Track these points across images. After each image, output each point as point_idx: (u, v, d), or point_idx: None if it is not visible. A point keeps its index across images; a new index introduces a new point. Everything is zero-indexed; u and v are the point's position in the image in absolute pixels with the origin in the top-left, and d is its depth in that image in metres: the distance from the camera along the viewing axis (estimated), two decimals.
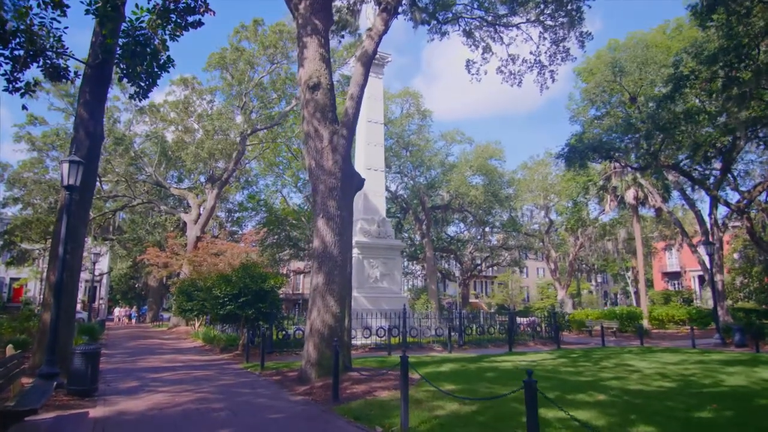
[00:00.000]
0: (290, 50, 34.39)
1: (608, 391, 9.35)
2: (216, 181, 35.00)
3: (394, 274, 24.72)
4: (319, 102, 11.24)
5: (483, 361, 14.08)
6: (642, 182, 34.71)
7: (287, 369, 12.44)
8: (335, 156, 11.05)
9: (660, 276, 70.84)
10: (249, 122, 33.96)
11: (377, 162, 26.17)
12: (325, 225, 10.83)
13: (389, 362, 13.66)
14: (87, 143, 11.84)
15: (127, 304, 55.14)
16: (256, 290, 16.76)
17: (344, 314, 10.77)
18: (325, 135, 11.11)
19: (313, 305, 10.66)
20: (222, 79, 35.47)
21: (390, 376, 10.51)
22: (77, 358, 8.97)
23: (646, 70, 23.31)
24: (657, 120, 21.34)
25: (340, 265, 10.80)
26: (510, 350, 18.48)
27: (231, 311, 16.51)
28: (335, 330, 10.48)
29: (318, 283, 10.67)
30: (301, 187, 49.39)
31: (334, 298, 10.58)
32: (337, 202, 10.93)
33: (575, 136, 25.32)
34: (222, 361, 15.09)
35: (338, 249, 10.80)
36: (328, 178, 10.98)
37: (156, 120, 38.14)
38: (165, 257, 31.50)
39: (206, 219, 34.36)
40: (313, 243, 11.04)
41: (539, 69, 21.23)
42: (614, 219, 47.11)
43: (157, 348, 19.43)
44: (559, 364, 13.90)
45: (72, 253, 11.11)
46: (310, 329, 10.56)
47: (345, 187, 11.14)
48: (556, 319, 23.45)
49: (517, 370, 12.36)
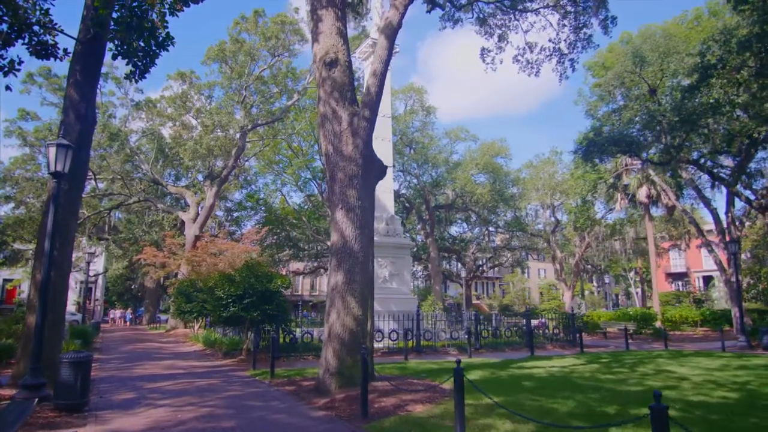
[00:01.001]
0: (292, 43, 33.27)
1: (671, 404, 8.22)
2: (215, 179, 33.80)
3: (403, 274, 23.61)
4: (337, 80, 10.10)
5: (510, 367, 12.94)
6: (655, 179, 33.66)
7: (300, 377, 11.28)
8: (355, 140, 9.91)
9: (664, 277, 69.96)
10: (249, 117, 32.78)
11: (385, 157, 24.87)
12: (345, 217, 9.68)
13: (410, 369, 12.52)
14: (77, 127, 10.66)
15: (123, 305, 53.78)
16: (261, 291, 15.60)
17: (366, 317, 9.62)
18: (344, 117, 9.97)
19: (331, 307, 9.50)
20: (221, 73, 34.28)
21: (419, 386, 9.36)
22: (65, 367, 7.78)
23: (669, 60, 22.25)
24: (682, 111, 20.24)
25: (362, 262, 9.65)
26: (532, 354, 17.36)
27: (235, 313, 15.35)
28: (357, 335, 9.33)
29: (337, 283, 9.52)
30: (302, 186, 48.25)
31: (356, 298, 9.43)
32: (357, 191, 9.79)
33: (593, 129, 24.23)
34: (226, 368, 13.89)
35: (359, 244, 9.66)
36: (348, 164, 9.84)
37: (153, 115, 36.89)
38: (162, 257, 30.27)
39: (205, 217, 33.15)
40: (331, 238, 9.88)
41: (558, 57, 20.10)
42: (620, 219, 46.06)
43: (155, 352, 18.21)
44: (594, 370, 12.77)
45: (60, 249, 9.93)
46: (328, 334, 9.40)
47: (366, 175, 10.00)
48: (575, 321, 22.35)
49: (553, 377, 11.24)
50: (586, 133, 23.61)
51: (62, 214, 10.08)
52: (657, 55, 22.27)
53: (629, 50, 22.86)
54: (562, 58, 20.08)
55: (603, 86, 25.20)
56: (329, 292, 9.71)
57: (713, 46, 20.08)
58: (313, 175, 46.39)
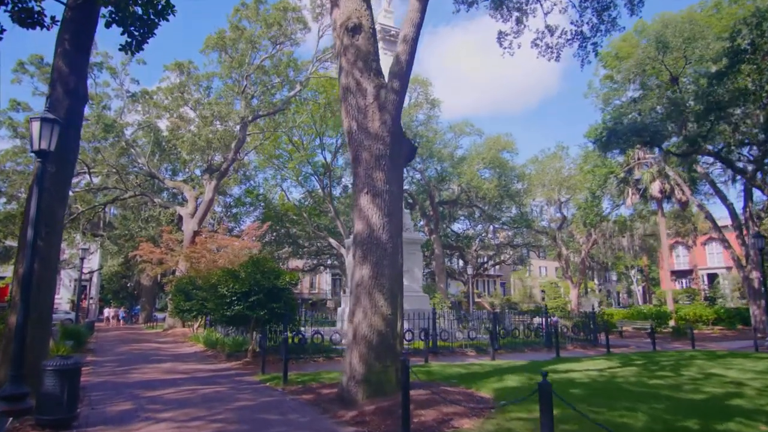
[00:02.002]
0: (294, 32, 31.98)
1: (753, 416, 7.11)
2: (214, 172, 32.52)
3: (414, 271, 22.45)
4: (361, 48, 8.92)
5: (544, 370, 11.79)
6: (670, 174, 32.62)
7: (316, 383, 10.11)
8: (383, 115, 8.74)
9: (668, 274, 69.11)
10: (250, 108, 31.51)
11: None
12: (371, 203, 8.51)
13: (436, 373, 11.35)
14: (66, 103, 9.45)
15: (119, 304, 52.42)
16: (268, 288, 14.42)
17: (396, 316, 8.46)
18: (369, 89, 8.80)
19: (356, 305, 8.34)
20: (219, 63, 32.98)
21: (457, 396, 8.21)
22: (50, 376, 6.59)
23: (694, 46, 21.15)
24: (710, 98, 19.12)
25: (390, 254, 8.50)
26: (557, 356, 16.24)
27: (240, 312, 14.15)
28: (386, 337, 8.17)
29: (362, 277, 8.35)
30: (303, 181, 47.05)
31: (384, 295, 8.28)
32: (385, 173, 8.62)
33: (612, 119, 23.10)
34: (231, 372, 12.71)
35: (387, 233, 8.50)
36: (374, 143, 8.67)
37: (149, 107, 35.57)
38: (160, 253, 29.02)
39: (204, 212, 31.89)
40: (354, 227, 8.73)
41: (580, 41, 18.89)
42: (625, 215, 45.04)
43: (153, 354, 17.00)
44: (635, 374, 11.64)
45: (46, 239, 8.73)
46: (353, 336, 8.24)
47: (394, 156, 8.83)
48: (595, 320, 21.26)
49: (597, 383, 10.11)
50: (603, 124, 22.46)
51: (48, 199, 8.89)
52: (681, 41, 21.15)
53: (652, 35, 21.73)
54: (584, 42, 18.89)
55: (623, 73, 24.05)
56: (353, 289, 8.54)
57: (743, 30, 18.97)
58: (314, 170, 45.21)
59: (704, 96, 19.32)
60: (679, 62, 23.33)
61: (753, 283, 29.17)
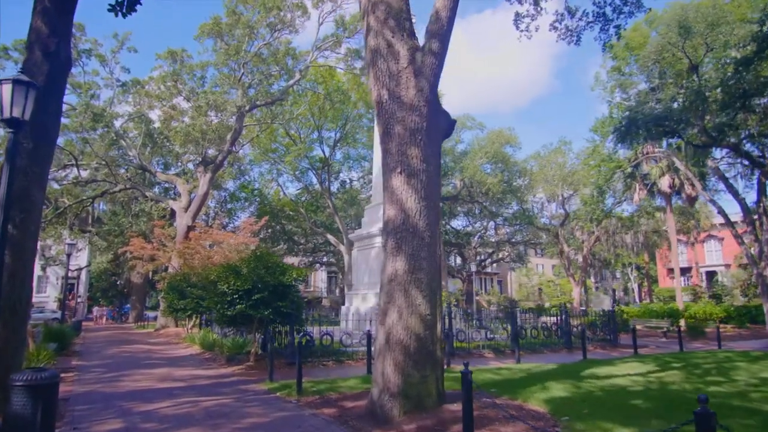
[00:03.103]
0: (293, 19, 30.57)
1: None
2: (209, 165, 31.07)
3: None
4: (392, 4, 7.65)
5: (581, 376, 10.61)
6: (680, 168, 31.57)
7: (335, 393, 8.83)
8: (419, 82, 7.48)
9: (666, 272, 68.52)
10: (247, 98, 30.08)
11: None
12: (405, 184, 7.25)
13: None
14: (45, 68, 8.09)
15: (108, 302, 50.75)
16: (273, 285, 13.13)
17: (435, 316, 7.21)
18: (402, 52, 7.54)
19: (389, 304, 7.08)
20: (215, 51, 31.51)
21: (508, 410, 6.97)
22: (19, 394, 5.27)
23: (718, 31, 20.08)
24: (737, 86, 18.02)
25: (429, 244, 7.24)
26: (585, 358, 15.09)
27: (242, 311, 12.84)
28: (425, 341, 6.93)
29: (396, 272, 7.09)
30: (300, 176, 45.68)
31: (422, 292, 7.03)
32: (421, 150, 7.37)
33: (629, 109, 21.98)
34: (234, 378, 11.39)
35: (425, 219, 7.25)
36: (409, 114, 7.40)
37: (140, 97, 34.03)
38: (151, 249, 27.58)
39: (198, 206, 30.44)
40: (384, 213, 7.46)
41: (602, 24, 17.69)
42: (630, 211, 44.07)
43: (145, 357, 15.63)
44: (684, 379, 10.48)
45: (21, 226, 7.38)
46: (386, 340, 6.98)
47: (431, 129, 7.57)
48: (615, 319, 20.16)
49: (652, 391, 8.92)
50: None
51: (24, 180, 7.56)
52: (704, 26, 20.07)
53: (674, 19, 20.62)
54: (606, 25, 17.71)
55: (641, 60, 22.92)
56: (384, 285, 7.27)
57: None
58: (311, 164, 43.88)
59: (732, 83, 18.20)
60: (698, 50, 22.26)
61: (766, 280, 28.20)
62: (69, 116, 32.18)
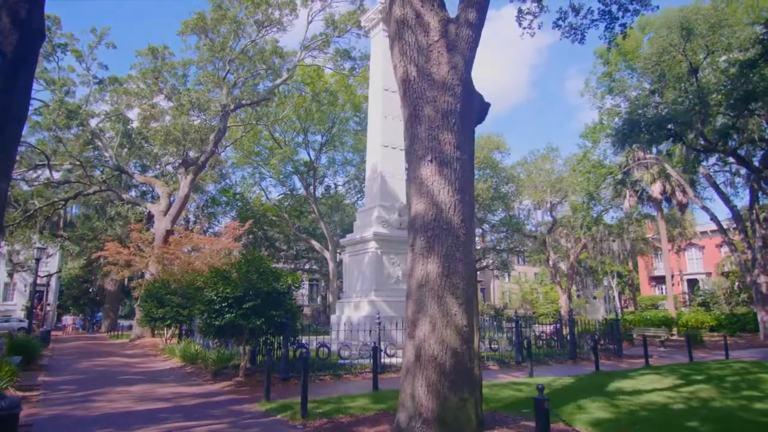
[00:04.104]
0: (281, 16, 29.47)
1: None
2: (190, 166, 29.65)
3: None
4: None
5: (609, 391, 9.70)
6: (672, 174, 31.26)
7: (345, 416, 7.72)
8: (453, 58, 6.50)
9: (648, 280, 68.78)
10: (231, 97, 28.81)
11: (396, 138, 21.64)
12: (437, 174, 6.25)
13: (491, 398, 9.07)
14: (14, 37, 6.85)
15: (79, 310, 48.49)
16: (266, 292, 11.97)
17: (473, 328, 6.20)
18: (433, 24, 6.57)
19: (419, 313, 6.04)
20: (198, 49, 30.18)
21: None
22: None
23: (720, 33, 19.67)
24: (745, 87, 17.55)
25: (464, 243, 6.25)
26: (597, 369, 14.24)
27: (231, 321, 11.64)
28: (462, 357, 5.91)
29: (428, 276, 6.07)
30: (284, 180, 44.39)
31: (458, 300, 6.02)
32: (455, 135, 6.39)
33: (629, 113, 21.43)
34: (224, 396, 10.18)
35: (459, 215, 6.26)
36: (441, 94, 6.42)
37: (119, 95, 32.47)
38: (127, 254, 26.03)
39: (178, 209, 28.98)
40: (411, 207, 6.45)
41: (608, 22, 17.03)
42: (618, 218, 43.82)
43: (121, 372, 14.24)
44: (719, 395, 9.64)
45: None
46: (416, 356, 5.93)
47: (465, 113, 6.59)
48: (619, 328, 19.41)
49: (694, 409, 8.03)
50: (629, 115, 20.72)
51: None
52: (707, 27, 19.65)
53: (675, 21, 20.15)
54: (612, 23, 17.07)
55: (643, 62, 22.41)
56: (413, 291, 6.24)
57: None
58: (295, 168, 42.66)
59: (738, 85, 17.72)
60: (698, 53, 21.87)
61: (761, 288, 27.93)
62: (41, 113, 30.49)
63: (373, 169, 21.49)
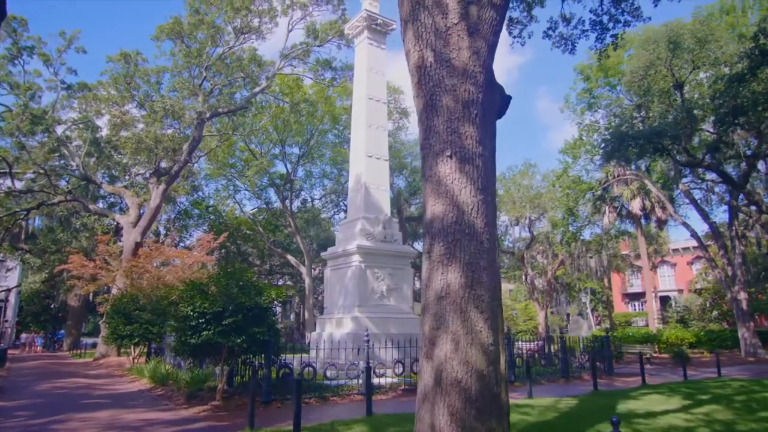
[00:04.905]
0: (261, 23, 28.70)
1: None
2: (163, 176, 28.36)
3: (402, 289, 19.53)
4: None
5: (621, 413, 9.03)
6: (652, 190, 31.38)
7: None
8: (474, 42, 5.84)
9: (621, 297, 69.36)
10: (208, 104, 27.77)
11: (380, 149, 21.04)
12: (457, 171, 5.53)
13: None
14: None
15: (40, 328, 45.95)
16: (248, 307, 11.01)
17: (499, 347, 5.43)
18: (451, 4, 5.91)
19: (439, 330, 5.25)
20: (173, 55, 29.10)
21: None
22: None
23: (707, 48, 19.73)
24: (734, 101, 17.51)
25: (488, 250, 5.52)
26: (596, 389, 13.62)
27: (210, 339, 10.62)
28: (489, 380, 5.14)
29: (448, 286, 5.30)
30: (259, 193, 43.22)
31: (483, 314, 5.26)
32: (477, 129, 5.69)
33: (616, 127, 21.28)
34: (201, 423, 9.13)
35: (483, 218, 5.53)
36: (462, 83, 5.73)
37: (88, 102, 31.07)
38: (93, 267, 24.55)
39: (149, 221, 27.61)
40: (427, 209, 5.70)
41: (599, 33, 16.78)
42: (599, 235, 43.93)
43: (84, 395, 12.97)
44: (739, 417, 9.09)
45: None
46: (436, 380, 5.13)
47: (487, 105, 5.91)
48: (610, 346, 18.92)
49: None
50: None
51: None
52: (694, 42, 19.69)
53: (663, 36, 20.15)
54: (602, 34, 16.83)
55: (630, 76, 22.34)
56: (430, 304, 5.45)
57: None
58: (271, 181, 41.62)
59: (727, 99, 17.66)
60: (683, 69, 21.93)
61: (741, 305, 27.99)
62: (4, 118, 28.91)
63: (357, 180, 20.73)
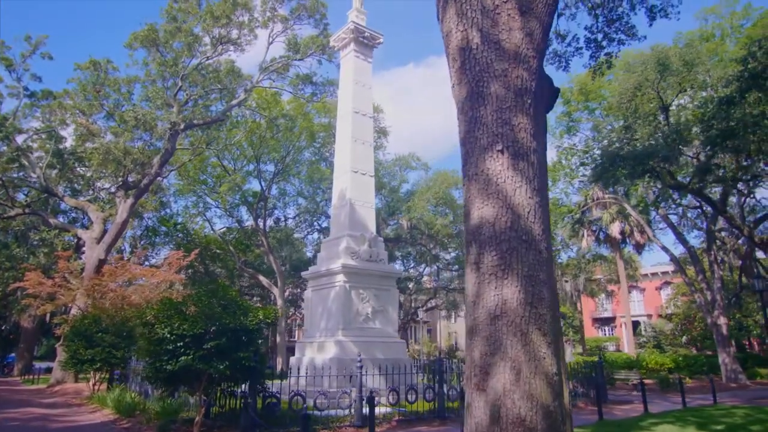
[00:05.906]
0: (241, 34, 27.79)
1: None
2: (131, 189, 26.83)
3: (388, 311, 18.56)
4: None
5: None
6: (632, 213, 31.45)
7: None
8: (528, 22, 5.10)
9: (591, 322, 69.71)
10: (182, 116, 26.53)
11: (365, 164, 20.27)
12: (510, 168, 4.72)
13: None
14: None
15: None
16: (233, 329, 9.86)
17: (562, 376, 4.56)
18: None
19: (495, 356, 4.36)
20: (146, 64, 27.86)
21: None
22: None
23: (695, 71, 19.85)
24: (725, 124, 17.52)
25: (547, 261, 4.70)
26: (601, 417, 12.86)
27: (188, 365, 9.41)
28: (554, 416, 4.26)
29: (504, 303, 4.43)
30: (231, 211, 41.71)
31: (546, 337, 4.41)
32: (531, 121, 4.91)
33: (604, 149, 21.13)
34: None
35: (541, 224, 4.73)
36: (513, 67, 4.96)
37: (52, 111, 29.43)
38: (52, 285, 22.71)
39: (115, 237, 25.91)
40: (471, 212, 4.85)
41: (593, 51, 16.53)
42: (575, 259, 43.96)
43: (40, 427, 11.45)
44: None
45: None
46: (491, 417, 4.22)
47: (539, 95, 5.16)
48: (603, 372, 18.30)
49: None
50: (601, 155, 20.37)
51: None
52: (682, 64, 19.80)
53: (651, 58, 20.22)
54: (597, 52, 16.60)
55: (619, 97, 22.28)
56: (482, 325, 4.55)
57: (757, 53, 17.67)
58: (243, 198, 40.25)
59: (717, 122, 17.65)
60: (668, 91, 22.05)
61: (721, 329, 27.97)
62: None
63: (341, 197, 19.84)
